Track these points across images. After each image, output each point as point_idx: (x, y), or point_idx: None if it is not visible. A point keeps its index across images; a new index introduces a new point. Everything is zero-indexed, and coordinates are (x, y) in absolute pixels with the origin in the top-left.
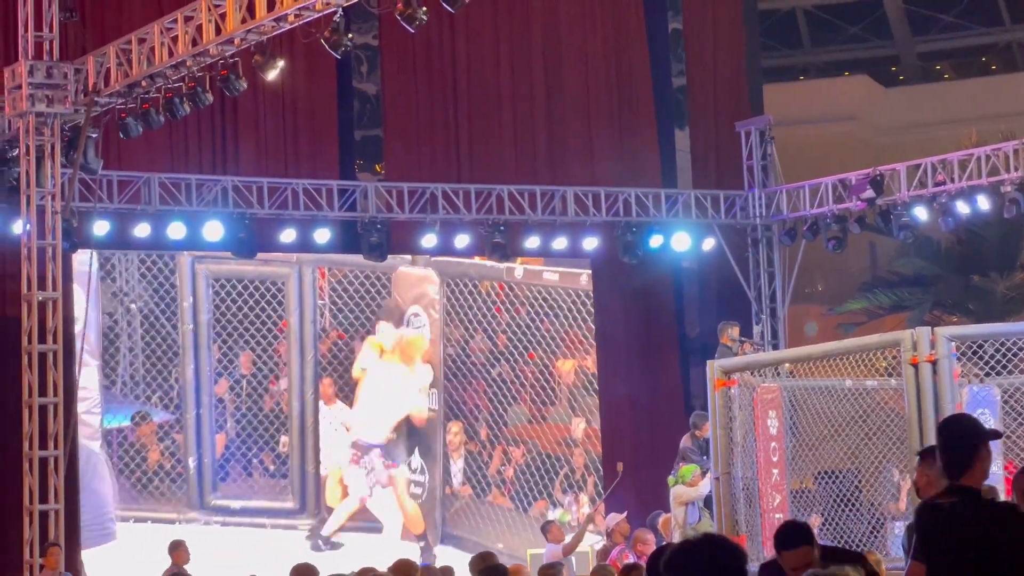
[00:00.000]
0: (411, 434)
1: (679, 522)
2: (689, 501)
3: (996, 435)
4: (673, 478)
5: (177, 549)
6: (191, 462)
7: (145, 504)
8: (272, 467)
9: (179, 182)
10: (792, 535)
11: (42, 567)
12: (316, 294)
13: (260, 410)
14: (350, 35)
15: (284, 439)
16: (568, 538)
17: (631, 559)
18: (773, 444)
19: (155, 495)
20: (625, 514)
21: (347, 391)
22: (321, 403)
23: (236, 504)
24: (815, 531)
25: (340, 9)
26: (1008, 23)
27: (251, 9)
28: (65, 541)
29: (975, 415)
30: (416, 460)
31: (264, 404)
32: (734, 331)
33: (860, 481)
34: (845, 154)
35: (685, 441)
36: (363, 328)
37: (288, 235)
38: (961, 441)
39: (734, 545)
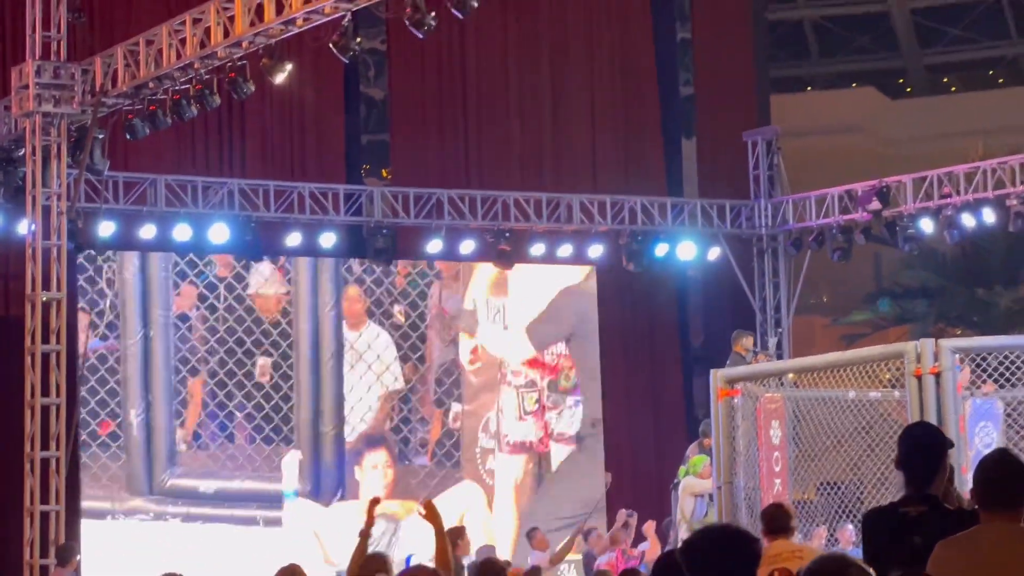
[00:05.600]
0: None
1: (686, 515)
2: (700, 493)
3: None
4: (684, 468)
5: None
6: (133, 416)
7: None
8: (263, 424)
9: (185, 184)
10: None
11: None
12: None
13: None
14: (358, 39)
15: (262, 362)
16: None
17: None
18: (776, 454)
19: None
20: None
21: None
22: (345, 323)
23: (207, 486)
24: (821, 543)
25: (349, 13)
26: (1015, 36)
27: (260, 12)
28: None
29: (978, 428)
30: None
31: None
32: (748, 341)
33: (862, 493)
34: (851, 165)
35: (692, 450)
36: None
37: (294, 238)
38: (929, 450)
39: (749, 535)
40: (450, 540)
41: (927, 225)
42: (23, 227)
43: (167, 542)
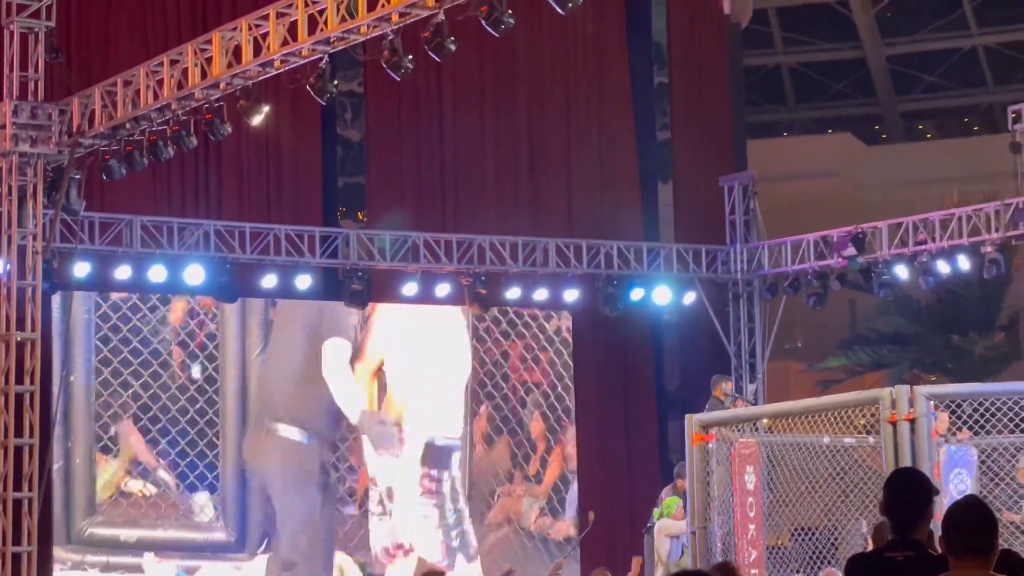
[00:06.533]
0: None
1: (662, 557)
2: (675, 535)
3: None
4: (658, 511)
5: None
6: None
7: None
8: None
9: (161, 225)
10: None
11: None
12: None
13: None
14: (335, 82)
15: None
16: None
17: None
18: (750, 499)
19: None
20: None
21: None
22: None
23: (128, 535)
24: None
25: (326, 56)
26: (990, 84)
27: (237, 54)
28: None
29: (953, 474)
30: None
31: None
32: (727, 386)
33: (836, 538)
34: (827, 211)
35: (666, 492)
36: None
37: (269, 280)
38: (915, 495)
39: None
40: None
41: (902, 271)
42: None
43: None
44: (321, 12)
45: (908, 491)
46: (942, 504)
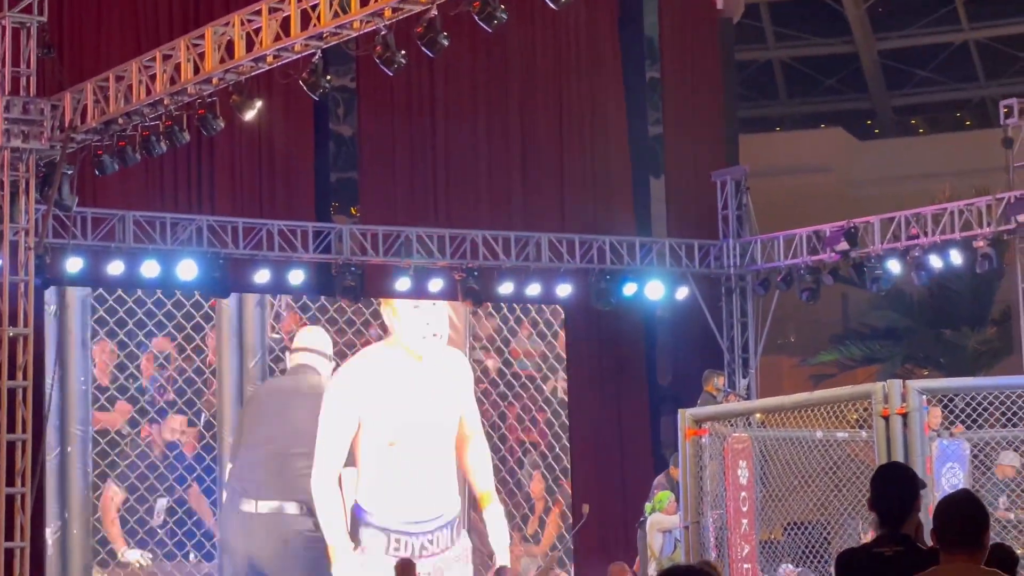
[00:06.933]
0: None
1: (654, 552)
2: (668, 529)
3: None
4: (650, 505)
5: None
6: (48, 535)
7: None
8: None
9: (154, 220)
10: None
11: None
12: None
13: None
14: (328, 77)
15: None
16: None
17: None
18: (743, 494)
19: None
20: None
21: None
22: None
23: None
24: None
25: (319, 51)
26: (983, 79)
27: (230, 49)
28: None
29: (945, 469)
30: None
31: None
32: (720, 380)
33: (829, 533)
34: (819, 205)
35: (659, 481)
36: None
37: (262, 276)
38: (903, 490)
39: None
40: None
41: (894, 266)
42: None
43: None
44: (314, 7)
45: (895, 485)
46: (933, 498)
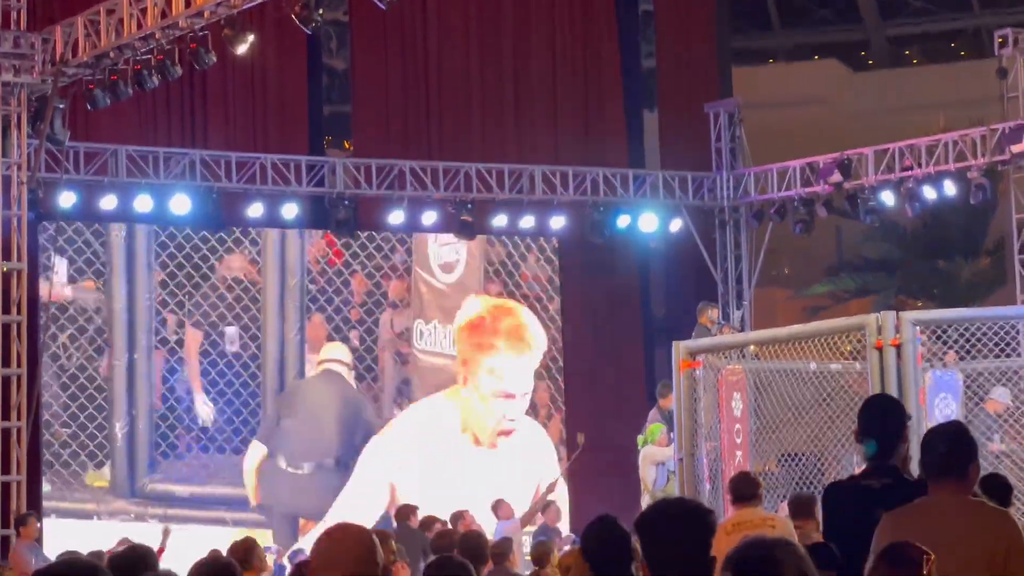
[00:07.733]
0: None
1: (648, 485)
2: (660, 461)
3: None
4: (642, 437)
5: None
6: (118, 428)
7: (50, 491)
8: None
9: (146, 154)
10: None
11: (18, 535)
12: None
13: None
14: (320, 10)
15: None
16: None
17: None
18: (737, 426)
19: (62, 478)
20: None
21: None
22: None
23: (182, 490)
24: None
25: None
26: (977, 9)
27: None
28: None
29: (938, 399)
30: None
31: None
32: (714, 312)
33: (823, 464)
34: (813, 137)
35: (652, 415)
36: None
37: (256, 209)
38: (890, 421)
39: (704, 508)
40: (402, 516)
41: (888, 198)
42: None
43: (147, 539)
44: None
45: (882, 417)
46: (926, 428)
